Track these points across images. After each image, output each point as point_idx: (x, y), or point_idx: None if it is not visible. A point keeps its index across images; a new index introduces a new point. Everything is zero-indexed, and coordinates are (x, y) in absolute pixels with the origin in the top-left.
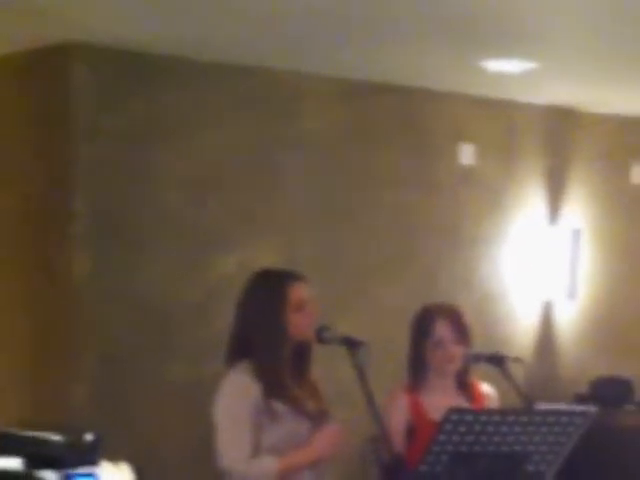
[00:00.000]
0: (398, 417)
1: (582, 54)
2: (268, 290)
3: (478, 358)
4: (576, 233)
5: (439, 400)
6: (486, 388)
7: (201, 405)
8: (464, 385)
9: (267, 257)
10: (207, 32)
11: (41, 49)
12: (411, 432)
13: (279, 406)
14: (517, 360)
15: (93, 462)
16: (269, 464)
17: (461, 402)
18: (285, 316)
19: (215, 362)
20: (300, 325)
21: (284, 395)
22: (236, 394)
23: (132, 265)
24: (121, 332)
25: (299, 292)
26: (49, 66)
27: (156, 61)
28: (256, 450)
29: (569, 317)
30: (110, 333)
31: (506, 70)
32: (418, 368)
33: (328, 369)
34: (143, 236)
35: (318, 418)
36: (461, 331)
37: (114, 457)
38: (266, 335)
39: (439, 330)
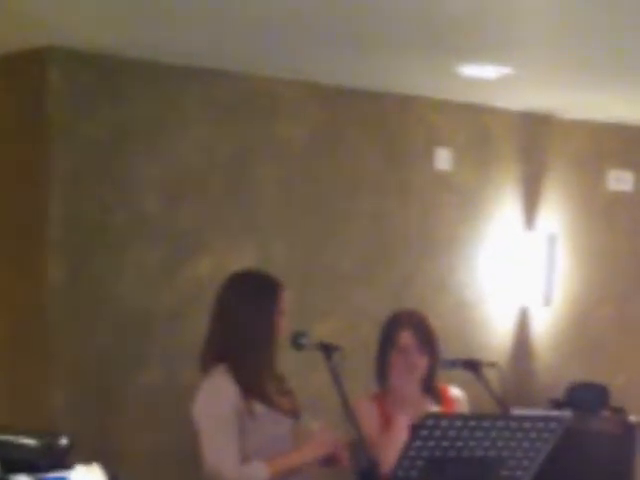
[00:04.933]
0: (367, 424)
1: (558, 60)
2: (261, 293)
3: (454, 364)
4: (552, 238)
5: (405, 405)
6: (455, 391)
7: (176, 409)
8: (430, 391)
9: (242, 262)
10: (184, 37)
11: (17, 53)
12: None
13: (258, 406)
14: (492, 365)
15: (67, 466)
16: (260, 470)
17: (427, 406)
18: (275, 319)
19: (190, 366)
20: (280, 329)
21: (262, 394)
22: (217, 399)
23: (107, 269)
24: (96, 336)
25: (285, 298)
26: (25, 70)
27: (132, 66)
28: (241, 455)
29: (545, 322)
30: (85, 337)
31: (482, 75)
32: (383, 374)
33: (303, 375)
34: (118, 240)
35: (293, 415)
36: (426, 340)
37: (88, 461)
38: (254, 336)
39: (403, 339)
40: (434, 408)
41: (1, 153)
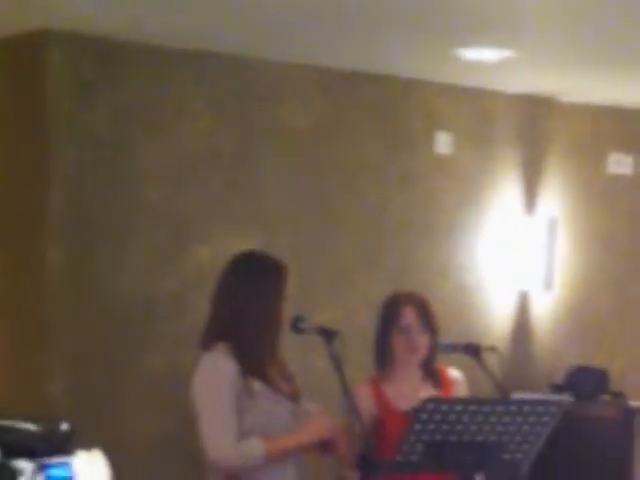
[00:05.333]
0: (362, 409)
1: (558, 42)
2: (268, 275)
3: (454, 348)
4: (552, 223)
5: (404, 389)
6: (454, 373)
7: (178, 395)
8: (430, 372)
9: (243, 248)
10: (187, 21)
11: (16, 36)
12: (379, 424)
13: (256, 384)
14: (492, 349)
15: (68, 452)
16: (256, 447)
17: (427, 390)
18: (277, 301)
19: (191, 352)
20: (284, 313)
21: (262, 374)
22: (214, 376)
23: (108, 256)
24: (97, 323)
25: (289, 281)
26: (24, 53)
27: (133, 50)
28: (239, 433)
29: (545, 306)
30: (86, 324)
31: (481, 58)
32: (383, 356)
33: (302, 360)
34: (119, 228)
35: (293, 399)
36: (427, 320)
37: (89, 446)
38: (256, 317)
39: (405, 318)
40: (433, 391)
41: (1, 141)
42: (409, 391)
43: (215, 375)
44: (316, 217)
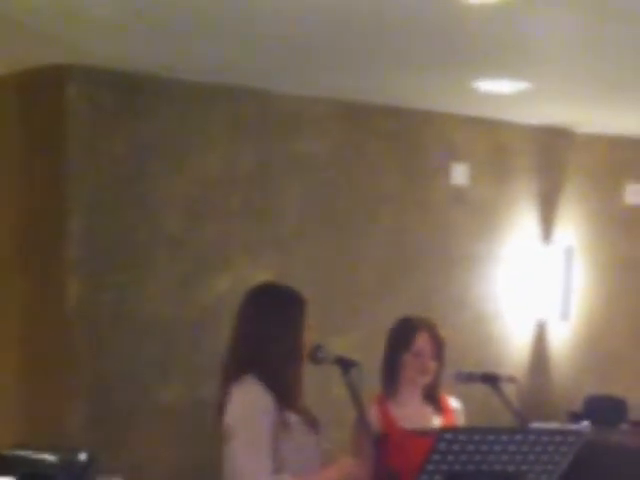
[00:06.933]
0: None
1: (574, 74)
2: (290, 306)
3: (472, 378)
4: (569, 252)
5: (407, 410)
6: (454, 403)
7: (196, 425)
8: (432, 398)
9: (262, 277)
10: (205, 54)
11: (37, 70)
12: (382, 438)
13: (291, 416)
14: (511, 380)
15: None
16: None
17: (428, 414)
18: (304, 335)
19: (210, 382)
20: (307, 345)
21: (294, 406)
22: (250, 409)
23: (127, 286)
24: (117, 352)
25: (309, 313)
26: (45, 87)
27: (152, 83)
28: (274, 465)
29: (562, 336)
30: (106, 353)
31: (498, 90)
32: (392, 376)
33: (321, 389)
34: (138, 257)
35: (317, 429)
36: (438, 347)
37: (109, 476)
38: (285, 349)
39: (420, 342)
40: (435, 417)
41: (21, 170)
42: (412, 413)
43: (251, 407)
44: (334, 246)
